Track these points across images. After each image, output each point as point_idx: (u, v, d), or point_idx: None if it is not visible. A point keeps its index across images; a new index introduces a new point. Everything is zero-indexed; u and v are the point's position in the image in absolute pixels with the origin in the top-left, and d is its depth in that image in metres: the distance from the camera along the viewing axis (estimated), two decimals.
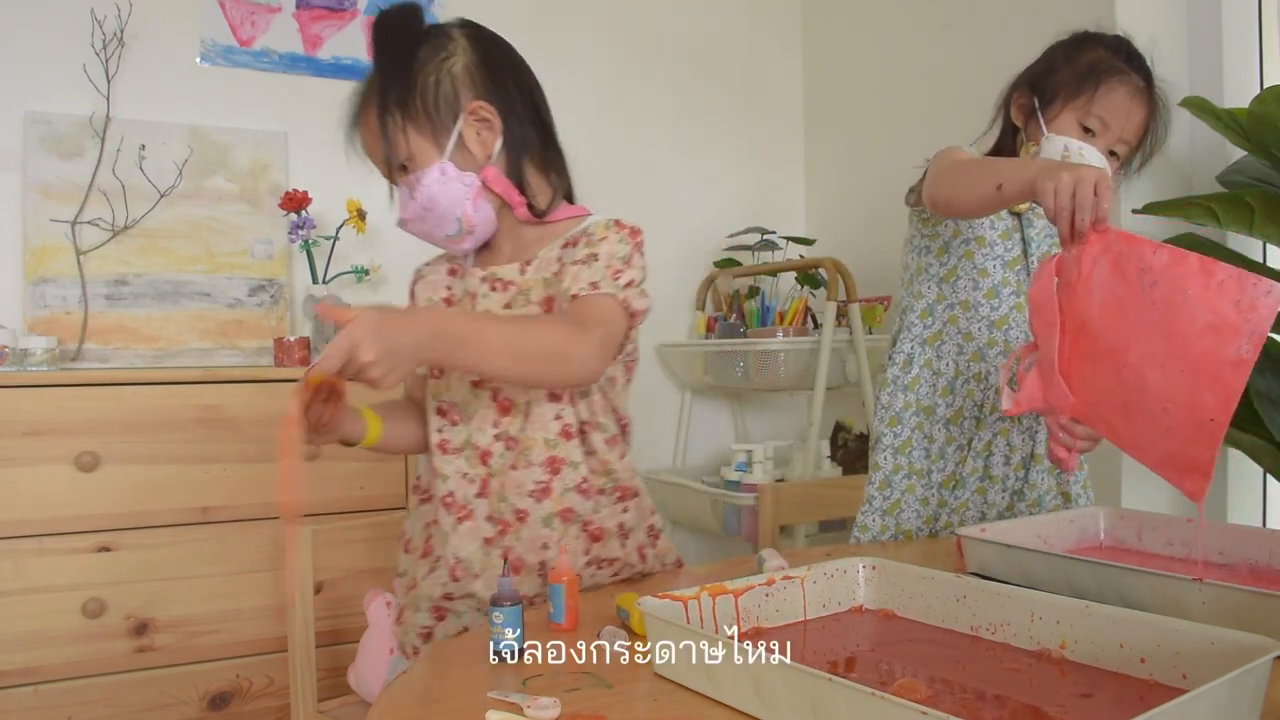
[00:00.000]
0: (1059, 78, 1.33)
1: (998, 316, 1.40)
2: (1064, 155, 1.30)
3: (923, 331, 1.43)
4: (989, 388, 1.39)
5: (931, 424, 1.41)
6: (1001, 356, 1.39)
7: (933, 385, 1.41)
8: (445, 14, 2.42)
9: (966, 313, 1.41)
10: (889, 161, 2.60)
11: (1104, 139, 1.31)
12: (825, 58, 2.90)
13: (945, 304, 1.42)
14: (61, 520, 1.72)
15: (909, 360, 1.43)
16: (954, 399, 1.41)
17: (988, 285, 1.40)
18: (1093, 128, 1.31)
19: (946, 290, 1.42)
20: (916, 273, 1.46)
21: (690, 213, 2.79)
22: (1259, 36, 1.94)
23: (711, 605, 0.84)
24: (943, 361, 1.42)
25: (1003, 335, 1.40)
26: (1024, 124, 1.38)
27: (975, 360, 1.40)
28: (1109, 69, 1.31)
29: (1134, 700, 0.69)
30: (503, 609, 0.86)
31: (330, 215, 2.21)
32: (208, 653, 1.82)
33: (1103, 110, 1.30)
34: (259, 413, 1.87)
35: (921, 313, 1.44)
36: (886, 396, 1.45)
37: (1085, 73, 1.31)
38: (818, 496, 1.88)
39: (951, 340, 1.41)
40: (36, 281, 2.03)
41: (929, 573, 0.90)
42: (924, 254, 1.45)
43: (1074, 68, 1.32)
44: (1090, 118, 1.30)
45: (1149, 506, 1.69)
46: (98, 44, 2.10)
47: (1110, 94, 1.30)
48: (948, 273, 1.42)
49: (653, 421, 2.74)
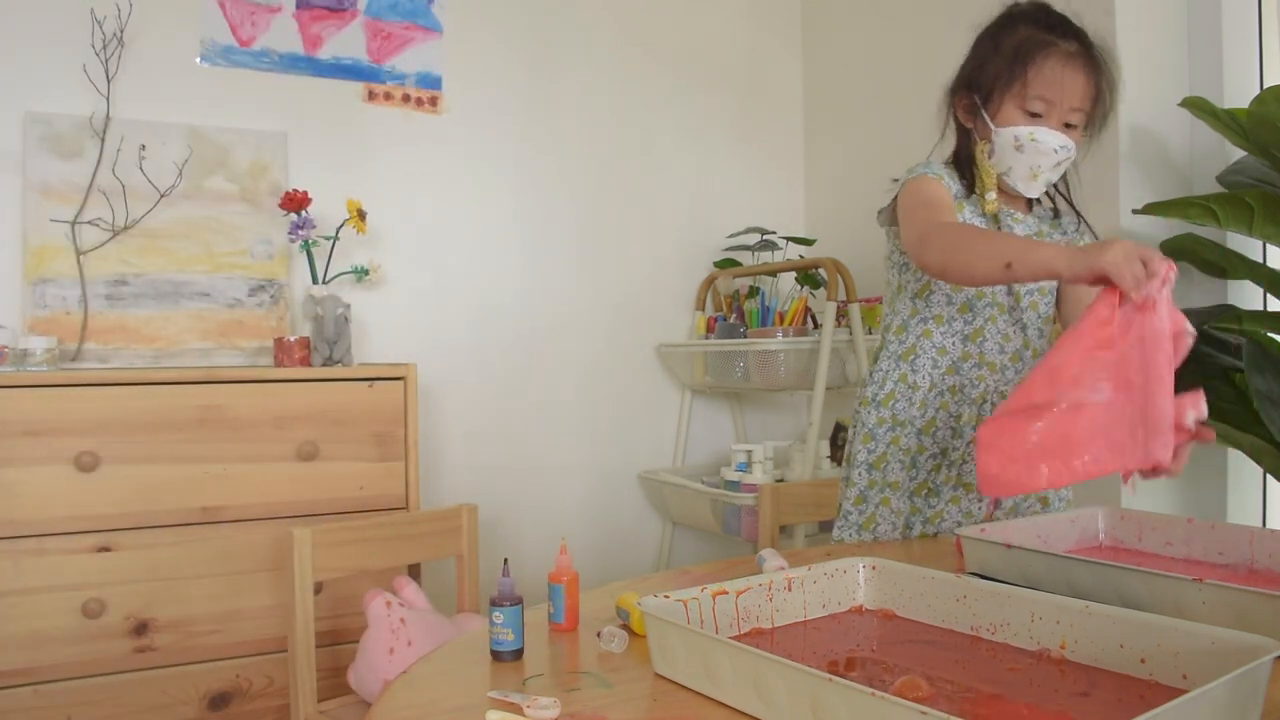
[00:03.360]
0: (990, 70, 1.31)
1: (971, 330, 1.39)
2: (1016, 145, 1.28)
3: (898, 347, 1.43)
4: (965, 399, 1.39)
5: (906, 435, 1.40)
6: (976, 369, 1.38)
7: (908, 399, 1.40)
8: (445, 14, 2.42)
9: (940, 326, 1.40)
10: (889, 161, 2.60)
11: (1052, 116, 1.28)
12: (825, 58, 2.90)
13: (919, 318, 1.41)
14: (61, 520, 1.72)
15: (885, 376, 1.43)
16: (928, 410, 1.40)
17: (961, 299, 1.39)
18: (1036, 110, 1.28)
19: (920, 305, 1.42)
20: (896, 290, 1.46)
21: (690, 213, 2.79)
22: (1259, 36, 1.94)
23: (711, 605, 0.84)
24: (917, 375, 1.40)
25: (977, 348, 1.38)
26: (972, 124, 1.36)
27: (950, 374, 1.39)
28: (1033, 45, 1.27)
29: (1134, 700, 0.69)
30: (503, 609, 0.86)
31: (330, 215, 2.21)
32: (208, 653, 1.82)
33: (1040, 89, 1.27)
34: (259, 413, 1.87)
35: (897, 329, 1.44)
36: (863, 413, 1.45)
37: (1012, 57, 1.28)
38: (818, 496, 1.88)
39: (925, 354, 1.40)
40: (36, 281, 2.03)
41: (929, 573, 0.90)
42: (901, 271, 1.44)
43: (1001, 55, 1.30)
44: (1030, 100, 1.27)
45: (1149, 507, 1.69)
46: (98, 44, 2.10)
47: (1041, 71, 1.26)
48: (921, 288, 1.41)
49: (653, 421, 2.74)
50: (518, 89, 2.53)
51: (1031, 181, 1.33)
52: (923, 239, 1.22)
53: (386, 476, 1.97)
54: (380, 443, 1.97)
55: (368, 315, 2.34)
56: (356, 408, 1.95)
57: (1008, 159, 1.32)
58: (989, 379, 1.38)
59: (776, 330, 2.41)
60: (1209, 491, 1.94)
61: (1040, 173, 1.31)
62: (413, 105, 2.41)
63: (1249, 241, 1.81)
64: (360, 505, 1.94)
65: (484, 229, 2.50)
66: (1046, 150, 1.29)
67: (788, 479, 2.39)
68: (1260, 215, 1.64)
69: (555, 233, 2.59)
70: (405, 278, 2.40)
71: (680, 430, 2.74)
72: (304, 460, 1.90)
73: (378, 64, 2.37)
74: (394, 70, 2.39)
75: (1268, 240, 1.72)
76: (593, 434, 2.65)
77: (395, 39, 2.39)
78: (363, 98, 2.36)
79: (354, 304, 2.24)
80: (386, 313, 2.37)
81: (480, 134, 2.49)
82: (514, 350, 2.54)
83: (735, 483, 2.37)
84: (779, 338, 2.38)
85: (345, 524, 1.65)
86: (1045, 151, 1.29)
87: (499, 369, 2.52)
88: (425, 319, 2.42)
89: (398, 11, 2.39)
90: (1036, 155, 1.29)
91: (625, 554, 2.70)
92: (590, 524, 2.64)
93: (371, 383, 1.97)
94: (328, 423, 1.92)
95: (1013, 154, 1.30)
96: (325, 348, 2.05)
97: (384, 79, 2.38)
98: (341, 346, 2.06)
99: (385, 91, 2.38)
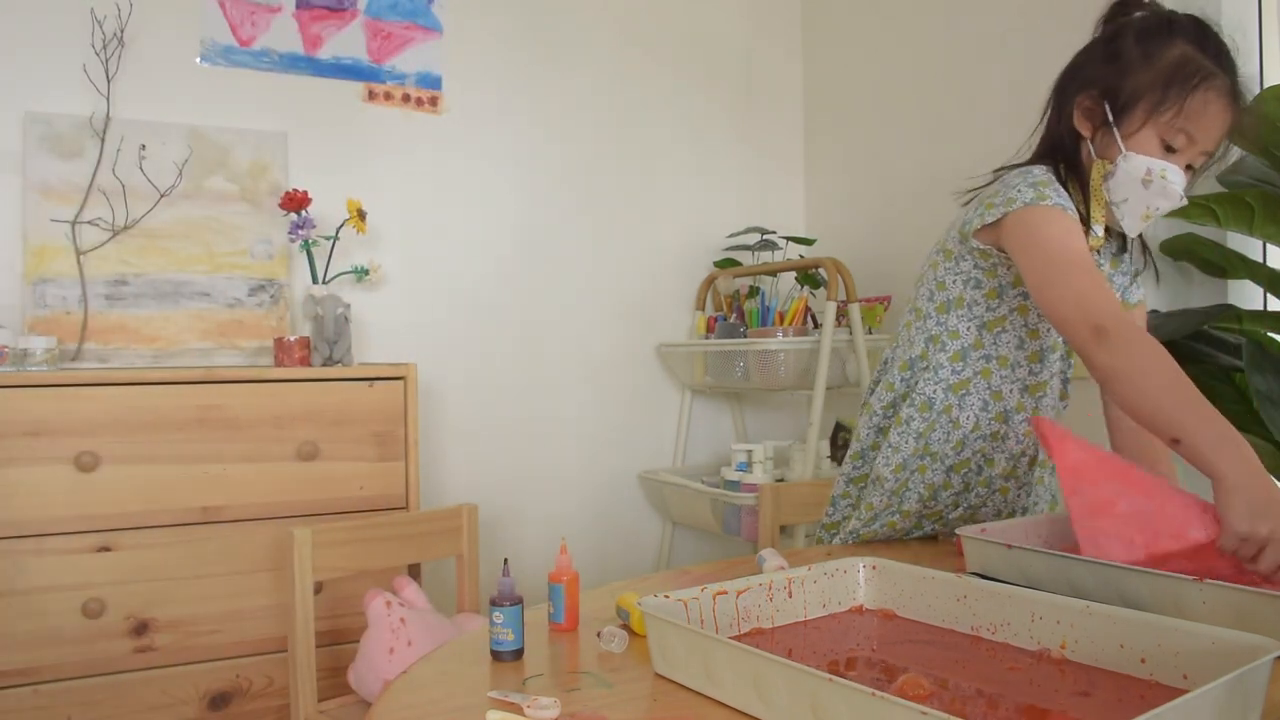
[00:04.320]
0: (1136, 82, 1.13)
1: (1035, 382, 1.26)
2: (1145, 179, 1.14)
3: (950, 376, 1.27)
4: (1003, 450, 1.29)
5: (934, 469, 1.29)
6: (1025, 423, 1.27)
7: (946, 435, 1.28)
8: (445, 14, 2.42)
9: (1002, 369, 1.26)
10: (889, 161, 2.60)
11: (1187, 154, 1.14)
12: (825, 58, 2.90)
13: (981, 353, 1.27)
14: (61, 520, 1.72)
15: (928, 404, 1.28)
16: (964, 450, 1.29)
17: (1034, 347, 1.25)
18: (1176, 145, 1.13)
19: (987, 339, 1.26)
20: (954, 303, 1.27)
21: (690, 213, 2.79)
22: (1259, 36, 1.94)
23: (711, 605, 0.84)
24: (963, 413, 1.27)
25: (1033, 401, 1.26)
26: (1092, 134, 1.19)
27: (998, 421, 1.27)
28: (1198, 73, 1.10)
29: (1134, 700, 0.69)
30: (503, 609, 0.86)
31: (330, 215, 2.21)
32: (208, 653, 1.82)
33: (1191, 125, 1.11)
34: (259, 413, 1.87)
35: (953, 355, 1.27)
36: (896, 436, 1.30)
37: (1170, 78, 1.11)
38: (818, 496, 1.88)
39: (978, 394, 1.27)
40: (36, 281, 2.03)
41: (929, 573, 0.90)
42: (971, 287, 1.26)
43: (1154, 70, 1.12)
44: (1176, 134, 1.12)
45: None
46: (98, 44, 2.10)
47: (1201, 106, 1.10)
48: (994, 320, 1.26)
49: (653, 421, 2.74)
50: (518, 89, 2.53)
51: (1142, 221, 1.18)
52: (1103, 332, 1.02)
53: (386, 476, 1.97)
54: (380, 443, 1.97)
55: (368, 315, 2.34)
56: (356, 408, 1.95)
57: (1128, 189, 1.16)
58: (1034, 435, 1.28)
59: (776, 330, 2.41)
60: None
61: (1154, 215, 1.17)
62: (413, 105, 2.41)
63: (1249, 241, 1.81)
64: (360, 505, 1.94)
65: (484, 228, 2.50)
66: (1172, 194, 1.14)
67: (788, 479, 2.39)
68: (1260, 215, 1.64)
69: (555, 232, 2.59)
70: (405, 278, 2.40)
71: (680, 430, 2.74)
72: (304, 460, 1.90)
73: (378, 64, 2.37)
74: (394, 70, 2.39)
75: (1268, 240, 1.72)
76: (593, 434, 2.65)
77: (395, 39, 2.39)
78: (363, 98, 2.36)
79: (354, 304, 2.24)
80: (386, 313, 2.37)
81: (480, 134, 2.49)
82: (514, 350, 2.54)
83: (735, 483, 2.37)
84: (779, 338, 2.38)
85: (345, 524, 1.65)
86: (1170, 195, 1.15)
87: (499, 369, 2.52)
88: (425, 319, 2.42)
89: (398, 11, 2.39)
90: (1160, 196, 1.15)
91: (625, 554, 2.70)
92: (590, 524, 2.64)
93: (371, 383, 1.97)
94: (328, 423, 1.92)
95: (1137, 187, 1.15)
96: (325, 348, 2.05)
97: (384, 79, 2.38)
98: (341, 346, 2.06)
99: (385, 91, 2.38)
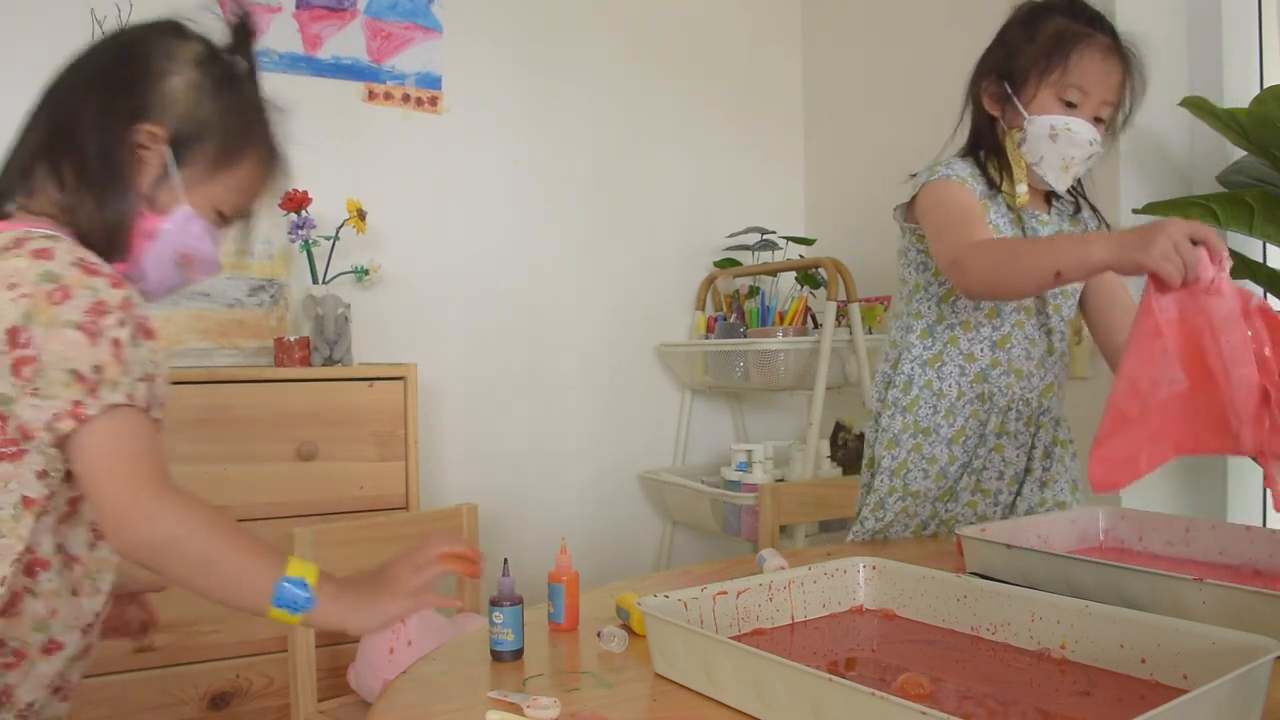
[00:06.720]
0: (1025, 57, 1.29)
1: (999, 336, 1.36)
2: (1051, 134, 1.27)
3: (923, 353, 1.39)
4: (993, 407, 1.37)
5: (932, 445, 1.38)
6: (1004, 376, 1.36)
7: (933, 407, 1.38)
8: (445, 14, 2.42)
9: (968, 333, 1.37)
10: (889, 161, 2.60)
11: (1086, 107, 1.27)
12: (825, 58, 2.90)
13: (945, 324, 1.38)
14: None
15: (909, 382, 1.39)
16: (956, 419, 1.37)
17: (989, 305, 1.35)
18: (1073, 100, 1.27)
19: (946, 310, 1.38)
20: (914, 289, 1.42)
21: (690, 213, 2.79)
22: (1259, 36, 1.94)
23: (711, 605, 0.84)
24: (944, 383, 1.37)
25: (1005, 355, 1.36)
26: (1001, 112, 1.34)
27: (978, 381, 1.37)
28: (1074, 35, 1.26)
29: (1134, 700, 0.69)
30: (502, 609, 0.86)
31: (330, 215, 2.21)
32: (208, 653, 1.82)
33: (1079, 79, 1.26)
34: (259, 413, 1.86)
35: (921, 333, 1.40)
36: (886, 419, 1.41)
37: (1051, 45, 1.27)
38: (818, 496, 1.89)
39: (953, 361, 1.37)
40: None
41: (929, 573, 0.90)
42: (921, 270, 1.40)
43: (1038, 44, 1.28)
44: (1068, 90, 1.27)
45: (1149, 506, 1.69)
46: None
47: (1082, 60, 1.26)
48: (946, 292, 1.38)
49: (653, 421, 2.74)
50: (518, 89, 2.53)
51: (1063, 173, 1.30)
52: (958, 263, 1.19)
53: (386, 476, 1.97)
54: (380, 442, 1.97)
55: (368, 315, 2.34)
56: (356, 407, 1.95)
57: (1040, 148, 1.29)
58: (1016, 386, 1.36)
59: (776, 330, 2.41)
60: (1209, 491, 1.94)
61: (1072, 164, 1.30)
62: (413, 105, 2.40)
63: (1249, 241, 1.81)
64: (360, 505, 1.94)
65: (484, 229, 2.50)
66: (1080, 141, 1.27)
67: (788, 479, 2.39)
68: (1260, 215, 1.65)
69: (555, 232, 2.59)
70: (405, 278, 2.40)
71: (680, 430, 2.74)
72: (304, 460, 1.90)
73: (378, 64, 2.37)
74: (394, 70, 2.39)
75: (1268, 240, 1.72)
76: (593, 434, 2.65)
77: (395, 39, 2.38)
78: (363, 97, 2.36)
79: (354, 304, 2.24)
80: (386, 313, 2.37)
81: (480, 134, 2.49)
82: (514, 350, 2.54)
83: (735, 482, 2.37)
84: (779, 337, 2.38)
85: (345, 524, 1.65)
86: (1079, 143, 1.28)
87: (499, 369, 2.52)
88: (425, 319, 2.42)
89: (398, 11, 2.39)
90: (1070, 146, 1.28)
91: (625, 554, 2.70)
92: (590, 524, 2.64)
93: (371, 383, 1.97)
94: (328, 423, 1.92)
95: (1046, 143, 1.28)
96: (325, 348, 2.05)
97: (384, 79, 2.38)
98: (341, 346, 2.06)
99: (385, 91, 2.38)
